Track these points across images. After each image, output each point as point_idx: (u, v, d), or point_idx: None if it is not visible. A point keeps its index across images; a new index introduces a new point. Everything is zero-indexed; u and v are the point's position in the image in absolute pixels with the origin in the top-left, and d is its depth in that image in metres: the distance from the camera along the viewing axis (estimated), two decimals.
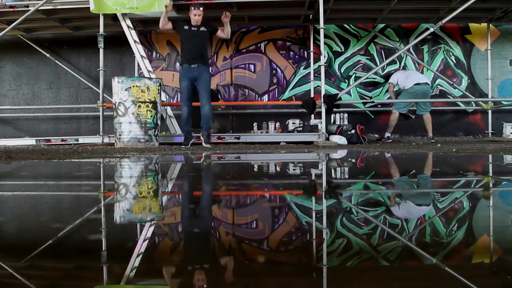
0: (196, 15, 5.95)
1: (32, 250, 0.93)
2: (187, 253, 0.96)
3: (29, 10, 6.73)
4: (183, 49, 6.02)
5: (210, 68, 8.08)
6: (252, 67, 8.18)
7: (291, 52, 8.16)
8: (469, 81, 7.95)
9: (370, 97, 7.99)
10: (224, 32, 6.15)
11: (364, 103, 7.89)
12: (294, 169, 2.98)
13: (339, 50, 8.12)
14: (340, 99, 6.51)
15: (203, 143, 5.84)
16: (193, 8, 5.99)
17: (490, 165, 3.03)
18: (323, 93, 6.29)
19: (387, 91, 7.63)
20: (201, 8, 5.98)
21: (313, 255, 0.92)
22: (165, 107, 7.09)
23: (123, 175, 2.59)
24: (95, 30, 7.17)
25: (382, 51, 8.05)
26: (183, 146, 5.75)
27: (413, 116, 7.10)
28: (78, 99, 8.47)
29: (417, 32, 7.95)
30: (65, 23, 7.65)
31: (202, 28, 6.00)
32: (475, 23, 7.85)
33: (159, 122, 5.85)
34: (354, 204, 1.52)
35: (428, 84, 6.90)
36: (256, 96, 8.16)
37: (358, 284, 0.77)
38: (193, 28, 5.97)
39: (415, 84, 6.68)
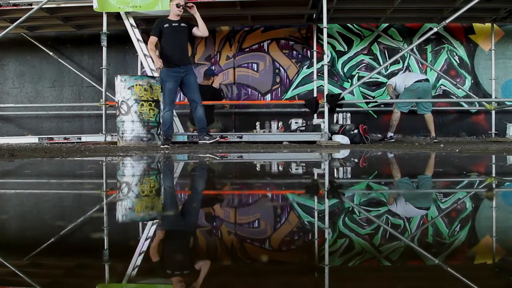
0: (180, 7, 5.63)
1: (34, 248, 0.93)
2: (189, 251, 0.96)
3: (33, 8, 6.75)
4: (166, 49, 5.67)
5: (214, 67, 8.11)
6: (255, 66, 8.17)
7: (294, 52, 8.15)
8: (472, 81, 7.92)
9: (373, 97, 7.97)
10: (199, 28, 5.75)
11: (367, 103, 7.88)
12: (296, 169, 2.98)
13: (342, 49, 8.10)
14: (343, 98, 6.50)
15: (203, 141, 5.77)
16: None
17: (494, 166, 3.02)
18: (326, 92, 6.28)
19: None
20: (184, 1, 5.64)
21: (315, 254, 0.92)
22: None
23: (125, 174, 2.59)
24: (98, 28, 7.18)
25: (386, 51, 8.03)
26: (164, 146, 5.53)
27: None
28: (81, 97, 8.48)
29: (420, 32, 7.92)
30: (68, 21, 7.67)
31: (182, 24, 5.71)
32: (479, 23, 7.82)
33: (161, 121, 5.85)
34: (356, 204, 1.51)
35: (428, 81, 6.93)
36: (259, 95, 8.15)
37: (360, 284, 0.77)
38: (174, 24, 5.66)
39: (416, 82, 6.68)
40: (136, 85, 5.54)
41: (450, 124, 7.97)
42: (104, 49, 6.72)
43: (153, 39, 5.62)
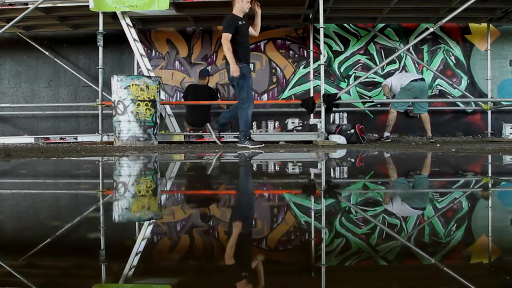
0: (248, 2, 5.40)
1: (30, 248, 0.93)
2: (185, 251, 0.96)
3: (29, 7, 6.72)
4: (244, 45, 5.40)
5: (209, 67, 8.10)
6: (251, 66, 8.15)
7: (291, 51, 8.16)
8: (468, 81, 7.95)
9: (370, 97, 7.99)
10: (256, 28, 5.63)
11: (364, 103, 7.89)
12: (293, 169, 2.98)
13: (339, 49, 8.11)
14: (339, 98, 6.51)
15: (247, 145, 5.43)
16: None
17: (490, 166, 3.03)
18: (322, 92, 6.29)
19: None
20: None
21: (311, 254, 0.92)
22: (164, 105, 7.08)
23: (122, 174, 2.58)
24: (94, 28, 7.16)
25: (382, 51, 8.05)
26: (255, 146, 5.28)
27: (417, 115, 7.13)
28: (77, 97, 8.45)
29: (417, 32, 7.95)
30: (64, 21, 7.64)
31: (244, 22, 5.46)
32: (475, 23, 7.85)
33: (158, 120, 5.84)
34: (353, 204, 1.51)
35: (424, 80, 6.96)
36: (256, 95, 8.15)
37: (357, 284, 0.77)
38: (244, 22, 5.41)
39: (412, 81, 6.71)
40: (133, 85, 5.53)
41: (446, 124, 7.99)
42: (101, 49, 6.71)
43: (229, 36, 5.24)
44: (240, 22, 5.33)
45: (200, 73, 7.45)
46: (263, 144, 5.41)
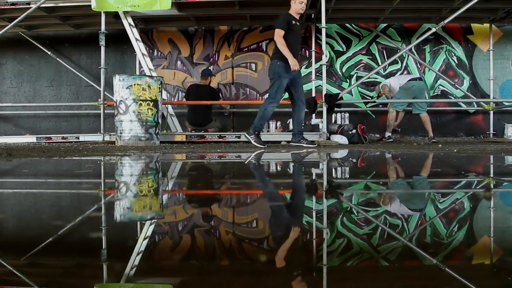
0: (302, 3, 5.37)
1: (32, 248, 0.93)
2: (187, 251, 0.96)
3: (31, 7, 6.73)
4: (292, 45, 5.30)
5: (211, 67, 8.10)
6: (253, 66, 8.16)
7: None
8: (470, 81, 7.93)
9: (372, 97, 7.98)
10: None
11: (366, 103, 7.88)
12: (294, 168, 2.98)
13: (341, 49, 8.11)
14: (341, 98, 6.50)
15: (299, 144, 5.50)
16: None
17: (492, 166, 3.02)
18: (324, 92, 6.28)
19: (379, 95, 7.61)
20: None
21: (313, 254, 0.92)
22: (166, 105, 7.08)
23: (123, 173, 2.59)
24: (96, 28, 7.17)
25: (384, 51, 8.04)
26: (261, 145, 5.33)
27: (398, 129, 7.21)
28: (79, 97, 8.47)
29: (419, 32, 7.93)
30: (66, 20, 7.65)
31: (299, 23, 5.45)
32: (477, 23, 7.83)
33: (160, 120, 5.84)
34: (354, 204, 1.51)
35: (422, 80, 6.96)
36: (257, 95, 8.15)
37: (358, 284, 0.77)
38: (297, 22, 5.40)
39: (410, 80, 6.71)
40: (135, 84, 5.54)
41: (448, 124, 7.98)
42: (103, 49, 6.71)
43: (282, 33, 5.23)
44: (293, 21, 5.32)
45: (202, 73, 7.45)
46: (266, 146, 5.41)
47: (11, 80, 8.59)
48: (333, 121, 7.16)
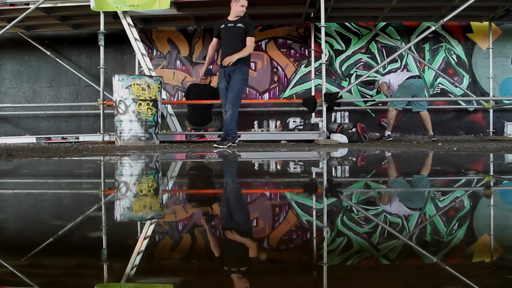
0: (243, 6, 5.43)
1: (32, 248, 0.93)
2: (187, 251, 0.96)
3: (30, 8, 6.72)
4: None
5: (211, 66, 8.09)
6: (252, 65, 8.15)
7: (292, 50, 8.15)
8: (470, 79, 7.93)
9: (371, 96, 7.98)
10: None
11: (365, 102, 7.88)
12: (295, 168, 2.98)
13: (340, 48, 8.10)
14: (341, 97, 6.50)
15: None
16: None
17: (491, 164, 3.02)
18: (324, 91, 6.28)
19: (378, 92, 7.62)
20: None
21: (313, 253, 0.92)
22: (166, 105, 7.08)
23: (123, 173, 2.59)
24: (95, 28, 7.16)
25: (383, 50, 8.03)
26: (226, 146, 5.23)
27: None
28: (79, 97, 8.46)
29: (418, 31, 7.93)
30: (65, 21, 7.65)
31: (239, 24, 5.44)
32: (476, 21, 7.83)
33: (159, 120, 5.84)
34: (355, 203, 1.51)
35: (421, 78, 6.96)
36: (257, 94, 8.14)
37: (359, 282, 0.77)
38: (230, 25, 5.44)
39: (409, 78, 6.70)
40: (134, 84, 5.53)
41: (448, 123, 7.98)
42: (102, 49, 6.71)
43: (213, 41, 5.65)
44: (222, 26, 5.47)
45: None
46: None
47: (10, 80, 8.58)
48: (332, 120, 7.15)
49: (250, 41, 5.44)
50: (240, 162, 3.47)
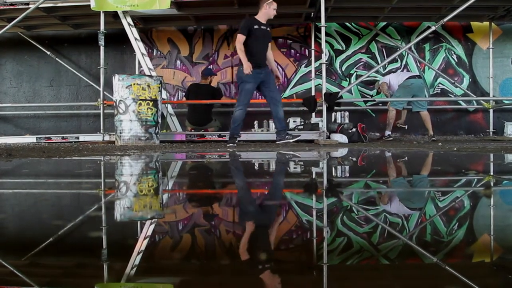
0: (275, 10, 5.56)
1: (32, 248, 0.93)
2: (187, 251, 0.96)
3: (30, 7, 6.72)
4: (255, 51, 5.45)
5: (211, 66, 8.09)
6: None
7: (292, 50, 8.15)
8: (470, 79, 7.93)
9: (371, 96, 7.98)
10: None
11: (365, 102, 7.88)
12: (295, 168, 2.98)
13: (341, 48, 8.10)
14: (341, 97, 6.49)
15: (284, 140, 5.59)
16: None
17: (491, 164, 3.02)
18: (324, 91, 6.28)
19: (378, 92, 7.62)
20: None
21: (313, 252, 0.92)
22: (166, 105, 7.08)
23: (123, 173, 2.59)
24: (95, 27, 7.16)
25: (384, 50, 8.03)
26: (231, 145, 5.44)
27: (405, 126, 7.23)
28: (79, 97, 8.46)
29: (418, 31, 7.92)
30: (65, 20, 7.65)
31: (268, 28, 5.57)
32: (477, 21, 7.83)
33: (159, 120, 5.84)
34: (355, 203, 1.51)
35: (421, 78, 6.96)
36: (257, 94, 8.13)
37: (359, 282, 0.77)
38: (263, 27, 5.49)
39: (409, 78, 6.70)
40: (134, 84, 5.53)
41: (448, 123, 7.98)
42: (102, 48, 6.71)
43: (242, 38, 5.38)
44: (255, 26, 5.42)
45: (202, 73, 7.45)
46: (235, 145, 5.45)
47: (10, 80, 8.58)
48: (333, 120, 7.15)
49: (270, 47, 5.67)
50: (241, 162, 3.47)
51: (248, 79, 5.38)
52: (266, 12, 5.53)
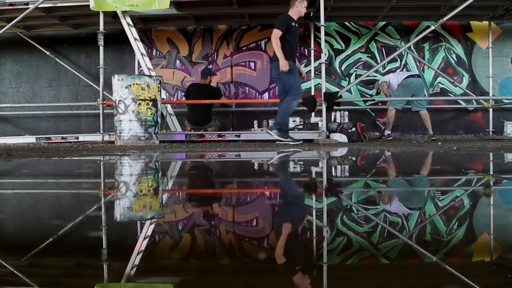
0: (305, 7, 5.71)
1: (32, 248, 0.93)
2: (187, 250, 0.96)
3: (29, 7, 6.72)
4: (291, 46, 5.59)
5: (211, 66, 8.10)
6: (252, 64, 8.16)
7: None
8: (470, 79, 7.93)
9: (371, 95, 7.98)
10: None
11: (365, 101, 7.88)
12: (294, 167, 2.98)
13: (340, 47, 8.10)
14: (340, 97, 6.49)
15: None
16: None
17: (491, 164, 3.02)
18: (323, 91, 6.28)
19: (378, 92, 7.63)
20: None
21: (313, 252, 0.92)
22: (165, 105, 7.08)
23: (123, 173, 2.59)
24: (95, 27, 7.16)
25: (383, 49, 8.03)
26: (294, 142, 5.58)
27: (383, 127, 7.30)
28: (78, 97, 8.46)
29: (418, 30, 7.93)
30: (65, 20, 7.64)
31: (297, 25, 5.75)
32: (476, 21, 7.83)
33: (159, 120, 5.84)
34: (354, 202, 1.51)
35: (420, 77, 6.97)
36: (257, 93, 8.14)
37: (358, 281, 0.77)
38: (296, 25, 5.65)
39: (408, 77, 6.71)
40: (134, 84, 5.53)
41: (447, 122, 7.98)
42: (101, 48, 6.70)
43: (279, 33, 5.45)
44: (292, 23, 5.52)
45: (201, 73, 7.45)
46: (292, 140, 5.62)
47: (10, 80, 8.58)
48: (332, 119, 7.16)
49: None
50: (240, 162, 3.47)
51: (293, 71, 5.54)
52: (298, 10, 5.64)
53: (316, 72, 7.64)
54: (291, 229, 1.15)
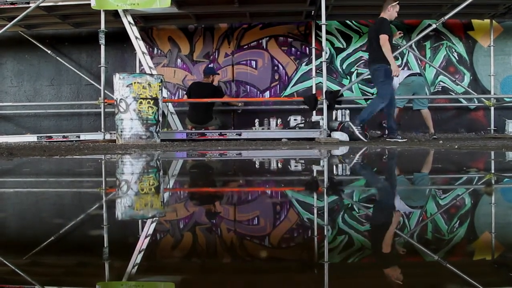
0: (397, 12, 5.84)
1: (33, 247, 0.93)
2: (189, 249, 0.96)
3: (30, 6, 6.72)
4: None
5: (212, 64, 8.09)
6: (253, 63, 8.15)
7: (293, 49, 8.13)
8: (471, 77, 7.91)
9: (372, 94, 7.96)
10: None
11: (366, 100, 7.87)
12: (295, 166, 2.98)
13: (341, 46, 8.09)
14: (341, 95, 6.49)
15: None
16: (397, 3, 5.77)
17: (493, 162, 3.02)
18: (324, 89, 6.27)
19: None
20: None
21: (314, 250, 0.92)
22: (167, 103, 7.08)
23: (124, 172, 2.59)
24: (96, 26, 7.16)
25: None
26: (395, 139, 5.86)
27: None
28: (80, 95, 8.46)
29: (419, 28, 7.91)
30: (66, 19, 7.64)
31: None
32: (477, 19, 7.80)
33: (160, 118, 5.84)
34: (355, 201, 1.51)
35: (422, 76, 6.95)
36: (258, 92, 8.13)
37: (358, 280, 0.77)
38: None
39: (409, 76, 6.70)
40: (135, 83, 5.54)
41: (449, 121, 7.97)
42: (102, 47, 6.70)
43: (387, 37, 5.63)
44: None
45: (204, 72, 7.44)
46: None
47: (11, 79, 8.59)
48: (333, 118, 7.14)
49: None
50: (241, 160, 3.47)
51: (392, 78, 5.73)
52: (390, 14, 5.80)
53: (317, 71, 7.63)
54: (291, 227, 1.15)
